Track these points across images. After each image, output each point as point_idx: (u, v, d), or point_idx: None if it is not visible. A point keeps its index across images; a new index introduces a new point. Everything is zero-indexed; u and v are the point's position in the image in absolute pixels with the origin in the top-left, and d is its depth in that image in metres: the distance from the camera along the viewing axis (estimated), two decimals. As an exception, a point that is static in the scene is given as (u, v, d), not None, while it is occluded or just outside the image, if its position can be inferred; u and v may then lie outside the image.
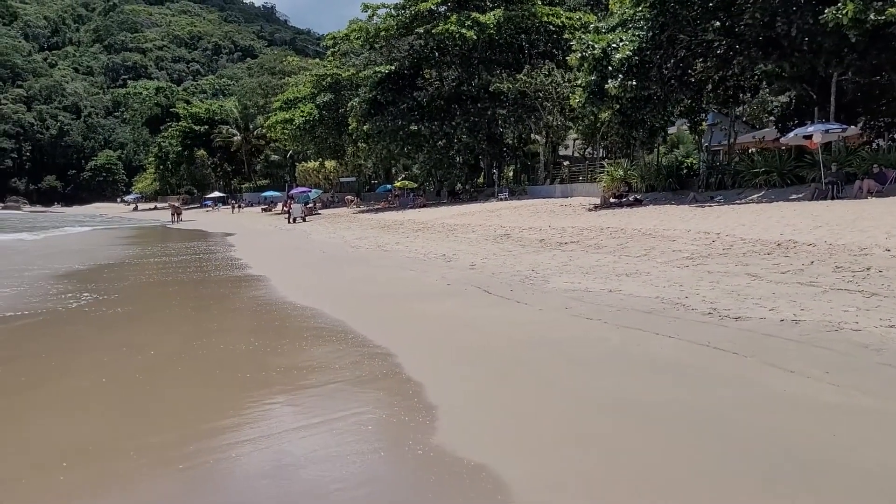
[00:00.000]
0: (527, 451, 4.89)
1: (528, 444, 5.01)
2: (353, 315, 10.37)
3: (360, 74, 48.44)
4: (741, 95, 32.67)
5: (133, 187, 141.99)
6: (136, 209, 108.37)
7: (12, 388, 7.16)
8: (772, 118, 40.63)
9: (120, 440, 5.38)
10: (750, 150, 33.80)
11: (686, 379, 6.27)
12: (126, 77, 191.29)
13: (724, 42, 27.26)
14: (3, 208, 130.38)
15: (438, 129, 44.96)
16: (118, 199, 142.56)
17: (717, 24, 26.15)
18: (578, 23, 42.28)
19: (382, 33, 45.62)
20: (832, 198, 20.99)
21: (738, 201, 24.01)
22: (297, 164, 79.12)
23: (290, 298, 12.39)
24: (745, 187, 26.51)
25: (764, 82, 30.93)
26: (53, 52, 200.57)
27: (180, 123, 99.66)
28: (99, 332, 10.03)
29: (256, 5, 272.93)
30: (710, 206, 22.96)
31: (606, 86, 26.65)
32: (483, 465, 4.59)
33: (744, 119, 41.43)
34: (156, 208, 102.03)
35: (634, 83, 26.56)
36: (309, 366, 7.56)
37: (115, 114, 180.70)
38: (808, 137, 22.38)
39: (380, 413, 5.85)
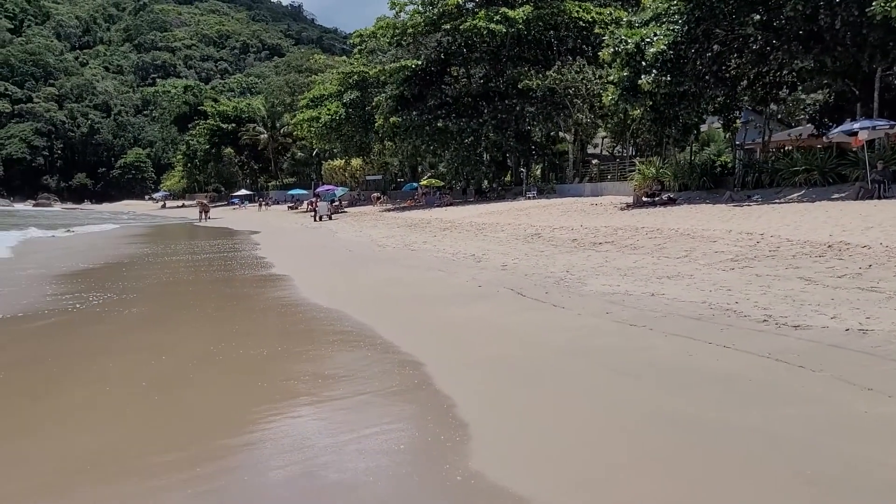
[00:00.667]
0: (573, 478, 4.37)
1: (573, 471, 4.49)
2: (380, 319, 9.90)
3: (387, 69, 47.94)
4: (778, 92, 31.68)
5: (162, 185, 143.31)
6: (164, 207, 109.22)
7: (7, 396, 6.76)
8: (804, 116, 39.51)
9: (125, 459, 4.93)
10: (786, 148, 32.84)
11: (749, 395, 5.68)
12: (155, 76, 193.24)
13: (762, 37, 26.40)
14: (35, 205, 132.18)
15: (466, 126, 44.36)
16: (146, 197, 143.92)
17: (757, 17, 25.26)
18: (609, 18, 41.48)
19: (409, 30, 45.13)
20: (878, 197, 20.12)
21: (776, 200, 23.17)
22: (323, 162, 79.00)
23: (315, 300, 11.94)
24: (783, 186, 25.63)
25: (803, 78, 29.91)
26: (84, 51, 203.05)
27: (208, 121, 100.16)
28: (111, 335, 9.67)
29: (284, 4, 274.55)
30: (749, 205, 22.17)
31: (640, 82, 25.89)
32: (527, 500, 4.07)
33: (778, 117, 40.35)
34: (183, 206, 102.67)
35: (669, 79, 25.79)
36: (335, 374, 7.09)
37: (145, 112, 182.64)
38: (853, 134, 21.51)
39: (411, 431, 5.35)
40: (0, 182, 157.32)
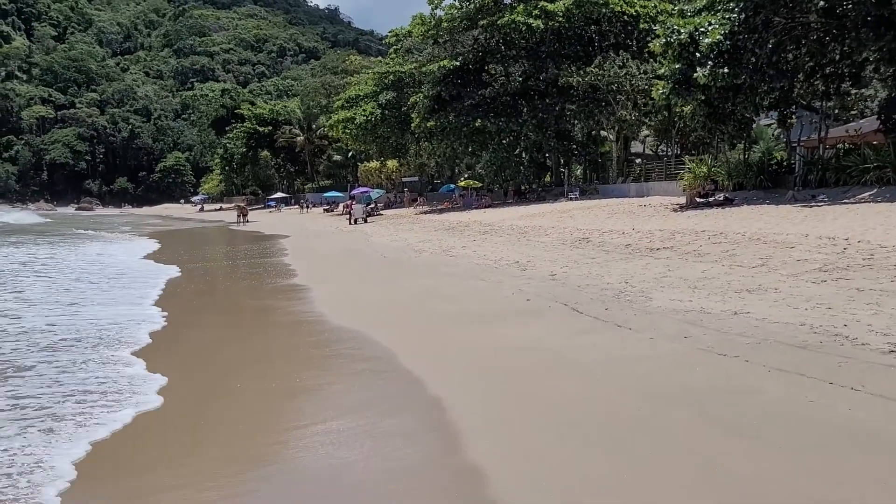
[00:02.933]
0: None
1: None
2: (410, 344, 8.54)
3: (423, 69, 46.62)
4: (840, 85, 29.57)
5: (200, 188, 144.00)
6: (202, 210, 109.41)
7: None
8: (856, 112, 37.18)
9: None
10: (844, 145, 30.70)
11: (916, 469, 4.17)
12: (194, 80, 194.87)
13: (823, 25, 24.45)
14: (78, 209, 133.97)
15: (505, 125, 42.80)
16: (181, 201, 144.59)
17: (821, 3, 23.32)
18: (654, 11, 39.66)
19: (445, 25, 43.71)
20: (965, 196, 18.16)
21: (846, 200, 21.22)
22: (359, 164, 78.07)
23: (340, 320, 10.54)
24: (851, 185, 23.63)
25: (869, 68, 27.78)
26: (125, 56, 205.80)
27: (245, 125, 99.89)
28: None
29: (321, 7, 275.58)
30: (817, 205, 20.30)
31: (695, 75, 24.10)
32: None
33: (836, 111, 38.06)
34: (221, 209, 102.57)
35: (726, 71, 23.96)
36: (343, 431, 5.68)
37: (184, 116, 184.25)
38: (937, 127, 19.53)
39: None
40: (44, 187, 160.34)
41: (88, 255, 24.88)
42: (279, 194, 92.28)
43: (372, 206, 49.84)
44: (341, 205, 60.34)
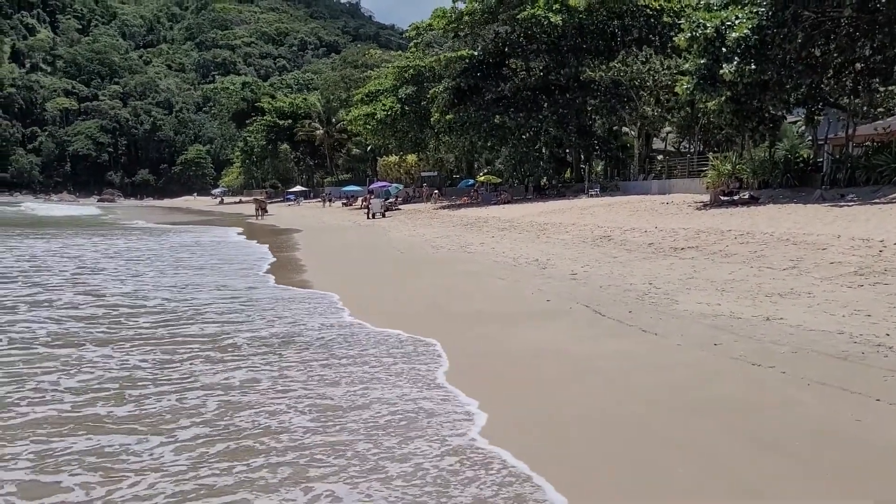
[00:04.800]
0: None
1: None
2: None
3: (443, 57, 46.26)
4: (871, 81, 28.79)
5: (221, 181, 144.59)
6: (221, 202, 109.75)
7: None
8: (881, 109, 36.25)
9: None
10: (873, 143, 29.91)
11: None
12: (216, 73, 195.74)
13: (853, 20, 23.72)
14: (100, 201, 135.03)
15: (525, 121, 42.29)
16: (194, 194, 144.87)
17: (854, -3, 22.62)
18: (678, 6, 38.94)
19: (466, 18, 43.25)
20: None
21: (876, 200, 20.55)
22: (378, 158, 77.81)
23: (350, 319, 10.25)
24: (882, 184, 22.95)
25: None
26: (148, 49, 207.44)
27: (265, 118, 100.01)
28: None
29: (342, 2, 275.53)
30: (848, 205, 19.67)
31: (721, 70, 23.48)
32: None
33: (863, 108, 37.15)
34: (241, 202, 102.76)
35: (753, 67, 23.32)
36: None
37: (205, 109, 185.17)
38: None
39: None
40: (67, 178, 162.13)
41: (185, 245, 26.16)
42: (298, 188, 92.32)
43: (391, 200, 49.51)
44: (360, 199, 60.16)
